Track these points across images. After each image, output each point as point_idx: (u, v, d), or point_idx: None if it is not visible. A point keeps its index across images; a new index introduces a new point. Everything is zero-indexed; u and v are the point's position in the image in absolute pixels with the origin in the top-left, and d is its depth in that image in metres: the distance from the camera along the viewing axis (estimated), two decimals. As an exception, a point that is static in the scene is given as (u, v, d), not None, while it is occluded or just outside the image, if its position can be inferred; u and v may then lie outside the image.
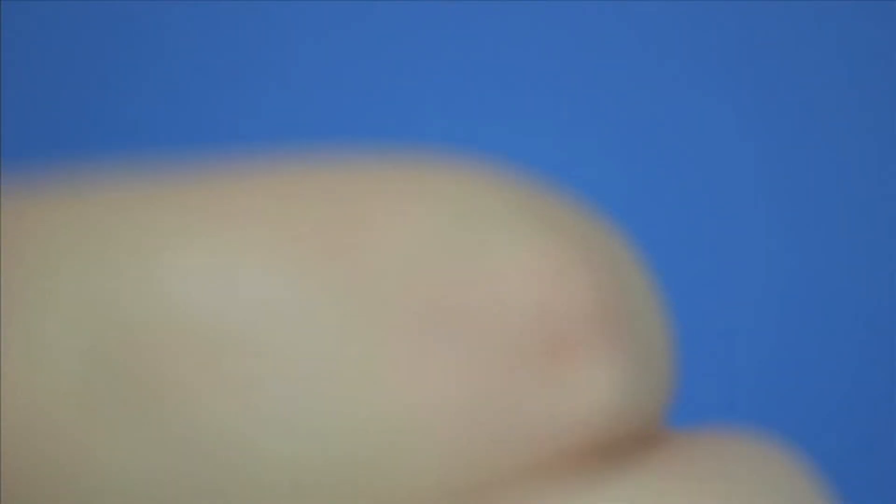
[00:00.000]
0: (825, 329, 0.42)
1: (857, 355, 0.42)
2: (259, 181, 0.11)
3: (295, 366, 0.10)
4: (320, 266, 0.10)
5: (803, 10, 0.42)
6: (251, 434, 0.10)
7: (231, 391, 0.10)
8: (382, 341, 0.10)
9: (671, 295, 0.42)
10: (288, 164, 0.10)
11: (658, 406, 0.11)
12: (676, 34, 0.43)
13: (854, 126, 0.42)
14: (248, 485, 0.10)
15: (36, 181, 0.11)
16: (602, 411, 0.10)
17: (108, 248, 0.10)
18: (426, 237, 0.10)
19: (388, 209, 0.10)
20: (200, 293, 0.10)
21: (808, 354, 0.42)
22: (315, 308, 0.10)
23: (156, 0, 0.43)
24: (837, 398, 0.42)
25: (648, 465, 0.11)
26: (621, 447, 0.11)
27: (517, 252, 0.10)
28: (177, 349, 0.10)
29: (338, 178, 0.11)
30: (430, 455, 0.10)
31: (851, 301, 0.42)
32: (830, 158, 0.42)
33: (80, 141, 0.42)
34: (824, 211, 0.42)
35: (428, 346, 0.10)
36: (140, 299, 0.10)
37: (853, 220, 0.42)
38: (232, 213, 0.10)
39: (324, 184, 0.10)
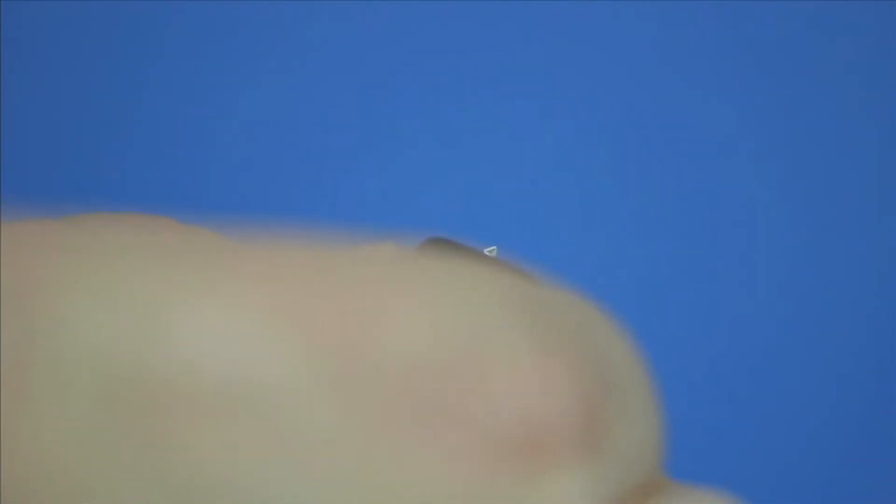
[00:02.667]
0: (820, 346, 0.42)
1: (856, 373, 0.42)
2: (277, 253, 0.11)
3: (292, 441, 0.11)
4: (328, 353, 0.11)
5: (803, 10, 0.42)
6: (246, 494, 0.10)
7: (230, 450, 0.10)
8: (377, 429, 0.11)
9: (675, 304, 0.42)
10: (304, 237, 0.11)
11: (640, 478, 0.12)
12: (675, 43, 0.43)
13: (854, 131, 0.42)
14: None
15: (55, 228, 0.12)
16: None
17: (125, 301, 0.11)
18: (426, 336, 0.11)
19: (394, 306, 0.11)
20: (211, 355, 0.11)
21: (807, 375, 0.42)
22: (318, 391, 0.11)
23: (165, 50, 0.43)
24: (836, 404, 0.42)
25: None
26: None
27: (511, 356, 0.11)
28: (182, 403, 0.10)
29: (351, 263, 0.11)
30: None
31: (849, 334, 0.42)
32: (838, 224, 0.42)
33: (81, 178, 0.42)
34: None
35: (418, 438, 0.11)
36: (152, 353, 0.11)
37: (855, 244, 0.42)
38: (248, 283, 0.11)
39: (338, 268, 0.11)
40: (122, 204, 0.42)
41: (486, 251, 0.18)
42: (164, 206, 0.42)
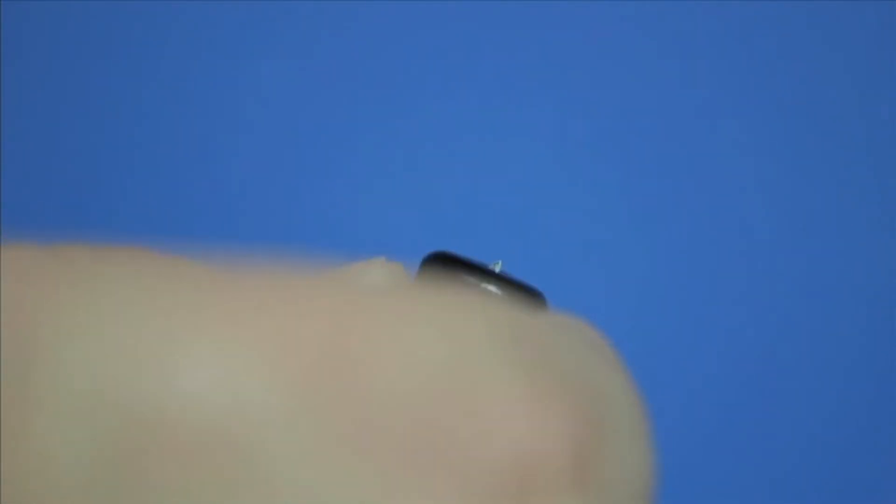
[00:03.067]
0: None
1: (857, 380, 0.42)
2: (267, 286, 0.11)
3: (287, 481, 0.11)
4: (319, 391, 0.11)
5: (803, 10, 0.42)
6: None
7: (226, 490, 0.10)
8: (369, 467, 0.11)
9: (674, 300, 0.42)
10: (296, 271, 0.11)
11: None
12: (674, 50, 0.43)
13: (853, 132, 0.42)
14: None
15: (49, 265, 0.12)
16: None
17: (117, 345, 0.11)
18: (418, 371, 0.11)
19: (386, 342, 0.11)
20: (204, 399, 0.11)
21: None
22: (311, 429, 0.11)
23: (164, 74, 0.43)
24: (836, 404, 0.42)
25: None
26: None
27: (502, 393, 0.11)
28: (179, 445, 0.10)
29: (342, 296, 0.11)
30: None
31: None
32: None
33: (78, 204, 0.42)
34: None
35: (410, 473, 0.11)
36: (144, 399, 0.11)
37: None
38: (241, 322, 0.11)
39: (329, 302, 0.11)
40: (118, 208, 0.42)
41: (491, 265, 0.18)
42: (160, 209, 0.42)
